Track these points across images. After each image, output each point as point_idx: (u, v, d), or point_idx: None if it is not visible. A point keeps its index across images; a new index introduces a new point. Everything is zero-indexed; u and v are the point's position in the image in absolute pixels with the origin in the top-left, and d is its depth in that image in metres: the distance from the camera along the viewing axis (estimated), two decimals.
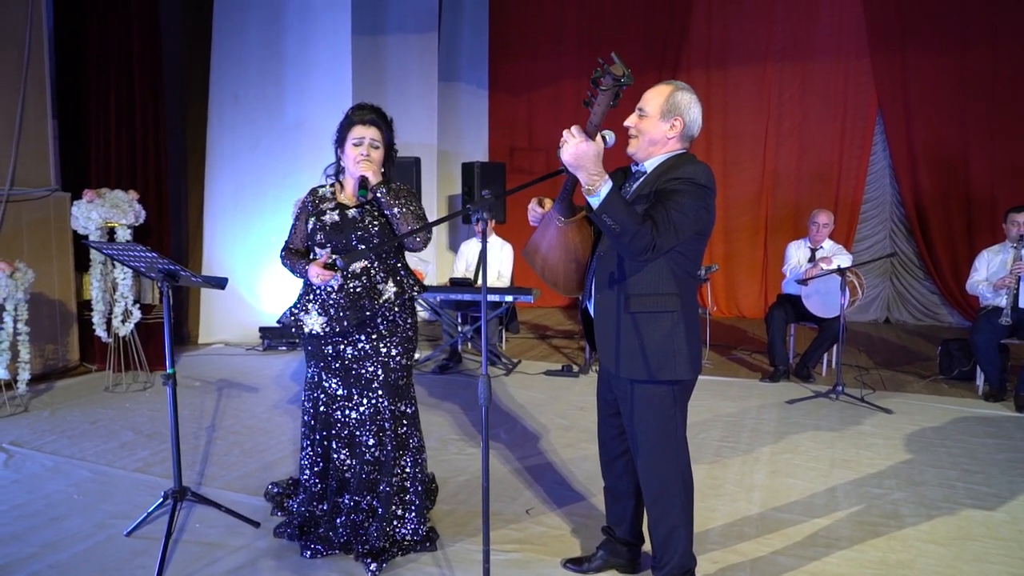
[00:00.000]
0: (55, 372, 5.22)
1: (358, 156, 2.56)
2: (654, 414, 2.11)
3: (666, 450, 2.14)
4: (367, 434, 2.60)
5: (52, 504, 3.03)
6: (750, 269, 8.54)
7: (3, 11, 4.89)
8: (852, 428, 4.15)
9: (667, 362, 2.06)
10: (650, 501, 2.19)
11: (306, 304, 2.61)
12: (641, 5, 8.60)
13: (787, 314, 5.39)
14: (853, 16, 7.83)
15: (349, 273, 2.55)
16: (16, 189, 4.96)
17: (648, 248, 1.88)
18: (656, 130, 2.08)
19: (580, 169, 1.83)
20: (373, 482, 2.63)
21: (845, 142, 8.09)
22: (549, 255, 2.24)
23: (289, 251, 2.74)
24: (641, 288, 2.05)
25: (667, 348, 2.06)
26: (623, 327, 2.07)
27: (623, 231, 1.84)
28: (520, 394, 4.91)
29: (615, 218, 1.84)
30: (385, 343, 2.60)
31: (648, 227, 1.87)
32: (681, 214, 1.93)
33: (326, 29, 6.53)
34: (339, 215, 2.60)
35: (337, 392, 2.64)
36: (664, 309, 2.05)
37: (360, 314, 2.54)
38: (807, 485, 3.29)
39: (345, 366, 2.61)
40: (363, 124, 2.59)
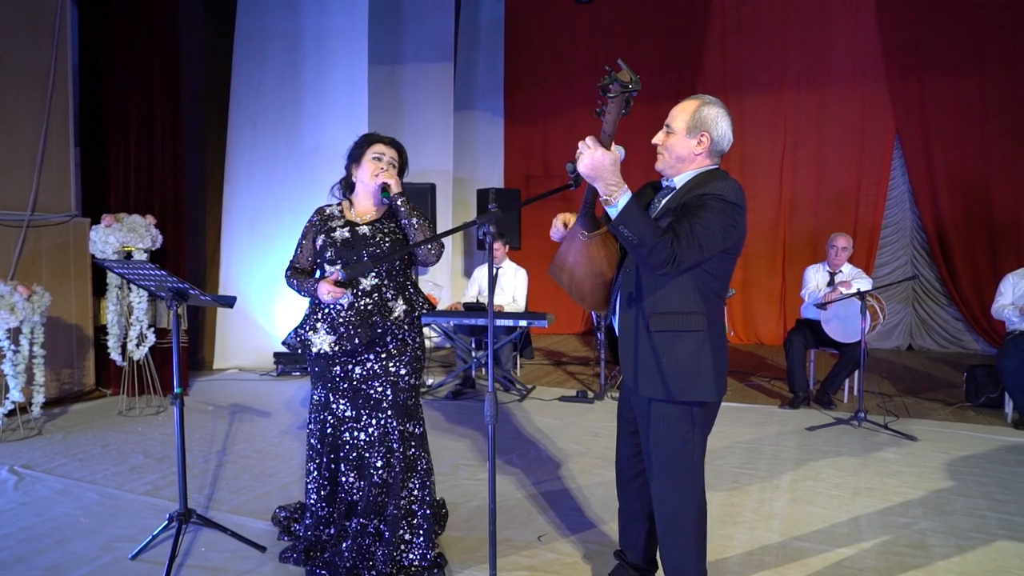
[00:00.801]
0: (70, 396, 5.24)
1: (377, 168, 2.58)
2: (672, 435, 2.04)
3: (682, 474, 2.05)
4: (376, 456, 2.56)
5: (59, 527, 3.00)
6: (768, 295, 8.43)
7: (31, 45, 5.02)
8: (875, 455, 4.02)
9: (691, 383, 1.98)
10: (663, 526, 2.11)
11: (314, 323, 2.59)
12: (654, 33, 8.67)
13: (806, 339, 5.29)
14: (868, 41, 7.82)
15: (360, 291, 2.53)
16: (37, 214, 5.04)
17: (668, 261, 1.83)
18: (683, 146, 2.04)
19: (598, 180, 1.81)
20: (381, 505, 2.58)
21: (863, 167, 8.02)
22: (575, 270, 2.20)
23: (295, 270, 2.71)
24: (665, 306, 1.98)
25: (691, 368, 1.98)
26: (645, 345, 2.01)
27: (641, 243, 1.81)
28: (534, 420, 4.83)
29: (632, 229, 1.80)
30: (394, 362, 2.57)
31: (668, 240, 1.83)
32: (706, 229, 1.88)
33: (343, 58, 6.64)
34: (350, 232, 2.59)
35: (345, 413, 2.60)
36: (689, 328, 1.97)
37: (372, 331, 2.51)
38: (829, 513, 3.18)
39: (353, 387, 2.58)
40: (383, 143, 2.64)
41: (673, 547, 2.10)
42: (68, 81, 5.29)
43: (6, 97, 4.89)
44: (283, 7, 6.67)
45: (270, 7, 6.68)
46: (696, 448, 2.07)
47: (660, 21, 8.64)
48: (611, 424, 4.73)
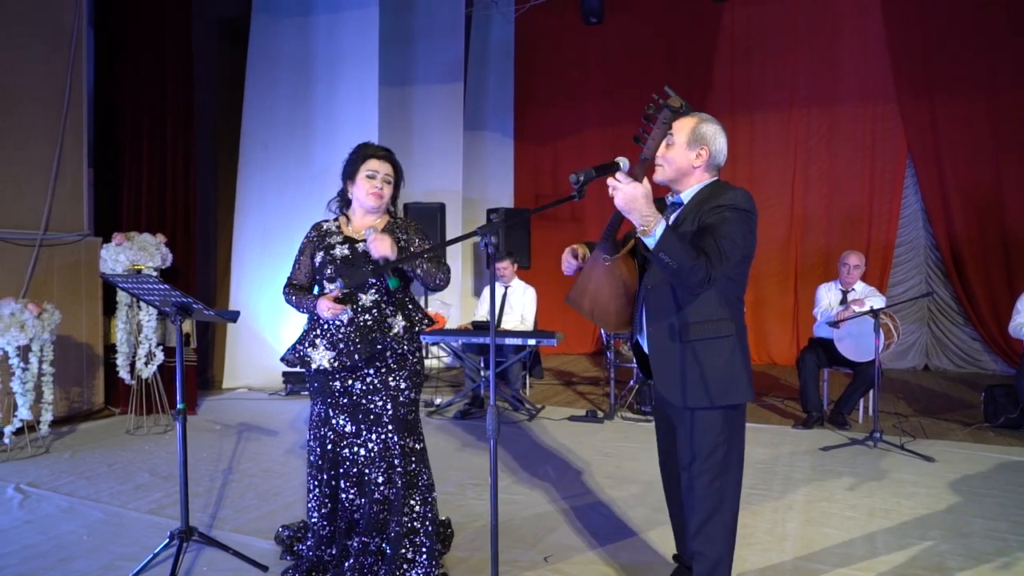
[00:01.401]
0: (79, 415, 5.25)
1: (371, 189, 2.56)
2: (713, 439, 2.10)
3: (716, 477, 2.10)
4: (376, 471, 2.52)
5: (62, 545, 2.98)
6: (781, 315, 8.35)
7: (47, 67, 5.10)
8: (891, 476, 3.93)
9: (729, 387, 2.07)
10: (696, 526, 2.14)
11: (313, 339, 2.56)
12: (663, 54, 8.71)
13: (819, 358, 5.21)
14: (878, 60, 7.81)
15: (359, 307, 2.52)
16: (50, 233, 5.09)
17: (704, 280, 1.92)
18: (682, 158, 2.14)
19: (633, 212, 1.87)
20: (383, 522, 2.54)
21: (875, 185, 7.97)
22: (598, 294, 2.27)
23: (292, 286, 2.70)
24: (696, 316, 2.07)
25: (728, 373, 2.07)
26: (683, 356, 2.08)
27: (680, 267, 1.87)
28: (543, 440, 4.78)
29: (672, 256, 1.86)
30: (394, 376, 2.55)
31: (703, 261, 1.91)
32: (730, 242, 1.97)
33: (354, 80, 6.71)
34: (349, 249, 2.57)
35: (345, 429, 2.57)
36: (720, 334, 2.07)
37: (371, 347, 2.49)
38: (844, 535, 3.10)
39: (353, 401, 2.55)
40: (378, 159, 2.59)
41: (707, 548, 2.13)
42: (83, 102, 5.37)
43: (21, 118, 4.97)
44: (295, 29, 6.77)
45: (282, 30, 6.78)
46: (733, 451, 2.13)
47: (669, 41, 8.69)
48: (621, 444, 4.67)
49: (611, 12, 8.17)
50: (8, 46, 4.89)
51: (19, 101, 4.96)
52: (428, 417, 5.43)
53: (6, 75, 4.88)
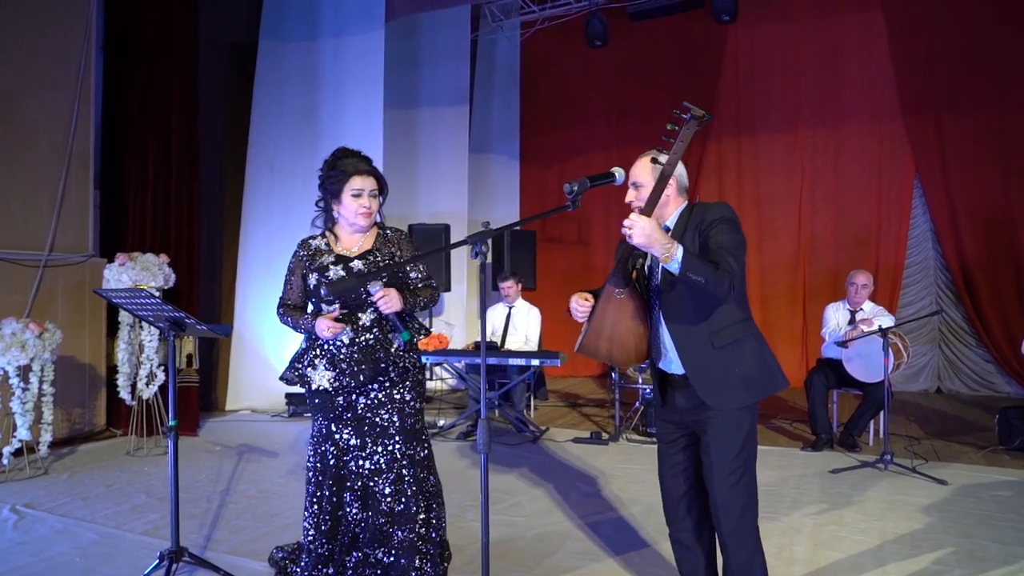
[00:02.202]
0: (80, 436, 5.22)
1: (360, 208, 2.52)
2: (739, 436, 2.18)
3: (744, 474, 2.19)
4: (383, 483, 2.49)
5: (53, 567, 2.93)
6: (789, 337, 8.24)
7: (55, 90, 5.17)
8: (903, 499, 3.83)
9: (769, 377, 2.20)
10: (728, 529, 2.19)
11: (312, 359, 2.52)
12: (668, 76, 8.74)
13: (828, 379, 5.12)
14: (884, 79, 7.79)
15: (360, 327, 2.50)
16: (55, 254, 5.11)
17: (729, 289, 2.04)
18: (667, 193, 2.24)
19: (653, 246, 1.96)
20: (387, 535, 2.49)
21: (883, 206, 7.91)
22: (616, 331, 2.29)
23: (287, 306, 2.64)
24: (721, 322, 2.18)
25: (764, 365, 2.20)
26: (716, 363, 2.17)
27: (707, 282, 1.99)
28: (546, 461, 4.70)
29: (698, 273, 1.98)
30: (398, 389, 2.53)
31: (724, 271, 2.03)
32: (736, 249, 2.12)
33: (359, 102, 6.75)
34: (343, 270, 2.52)
35: (350, 442, 2.52)
36: (745, 333, 2.19)
37: (376, 367, 2.48)
38: (854, 560, 3.00)
39: (358, 415, 2.52)
40: (360, 175, 2.52)
41: (741, 548, 2.19)
42: (90, 125, 5.43)
43: (29, 140, 5.03)
44: (301, 52, 6.84)
45: (289, 53, 6.85)
46: (753, 447, 2.24)
47: (673, 64, 8.73)
48: (624, 465, 4.59)
49: (615, 36, 8.24)
50: (18, 69, 4.96)
51: (27, 123, 5.01)
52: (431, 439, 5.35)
53: (15, 97, 4.95)
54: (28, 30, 5.03)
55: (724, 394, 2.18)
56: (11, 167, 4.92)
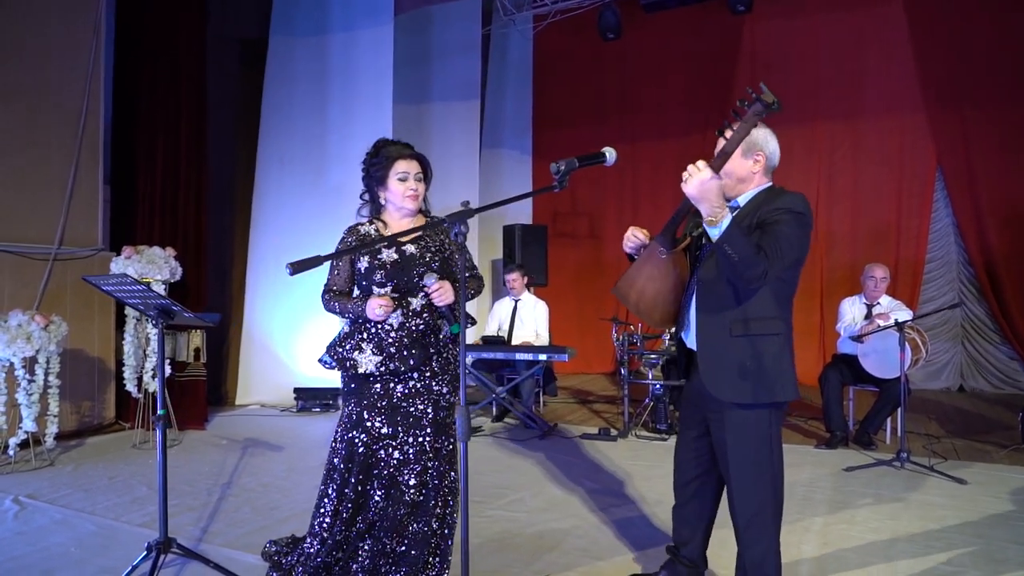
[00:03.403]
0: (89, 429, 5.24)
1: (407, 192, 2.48)
2: (755, 436, 2.14)
3: (763, 472, 2.15)
4: (409, 475, 2.44)
5: (49, 557, 2.92)
6: (806, 334, 8.06)
7: (65, 86, 5.19)
8: (918, 499, 3.70)
9: (776, 384, 2.11)
10: (743, 523, 2.19)
11: (358, 343, 2.47)
12: (682, 69, 8.62)
13: (843, 375, 4.99)
14: (904, 70, 7.60)
15: (411, 311, 2.45)
16: (64, 248, 5.14)
17: (761, 276, 1.97)
18: (742, 168, 2.19)
19: (703, 202, 1.93)
20: (403, 526, 2.45)
21: (903, 200, 7.72)
22: (647, 288, 2.29)
23: (333, 292, 2.59)
24: (750, 313, 2.12)
25: (776, 370, 2.11)
26: (734, 351, 2.12)
27: (741, 260, 1.93)
28: (553, 457, 4.63)
29: (735, 248, 1.92)
30: (437, 381, 2.50)
31: (762, 257, 1.97)
32: (788, 242, 2.03)
33: (368, 97, 6.73)
34: (396, 252, 2.48)
35: (381, 431, 2.46)
36: (771, 332, 2.12)
37: (426, 351, 2.45)
38: (864, 559, 2.90)
39: (392, 404, 2.46)
40: (405, 159, 2.50)
41: (754, 544, 2.19)
42: (100, 121, 5.45)
43: (39, 135, 5.05)
44: (311, 48, 6.83)
45: (298, 49, 6.85)
46: (776, 447, 2.17)
47: (688, 56, 8.60)
48: (632, 462, 4.50)
49: (629, 28, 8.12)
50: (28, 66, 4.99)
51: (37, 119, 5.04)
52: None
53: (25, 93, 4.97)
54: (38, 27, 5.06)
55: (723, 383, 2.14)
56: (21, 162, 4.95)
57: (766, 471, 2.15)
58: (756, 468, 2.14)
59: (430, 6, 7.82)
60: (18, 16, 4.94)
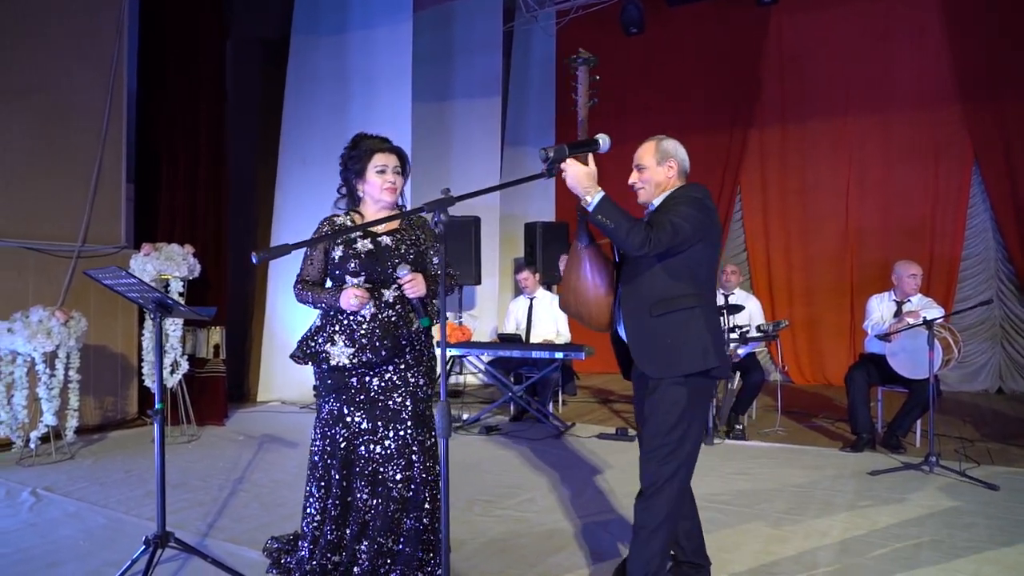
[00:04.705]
0: (112, 424, 5.33)
1: (385, 184, 2.49)
2: (670, 407, 2.20)
3: (677, 449, 2.20)
4: (393, 469, 2.42)
5: (57, 549, 2.95)
6: (835, 333, 7.86)
7: (89, 88, 5.28)
8: (946, 505, 3.54)
9: (694, 355, 2.19)
10: (648, 493, 2.23)
11: (330, 335, 2.45)
12: (707, 63, 8.46)
13: (870, 375, 4.82)
14: (938, 60, 7.35)
15: (383, 303, 2.44)
16: (87, 246, 5.22)
17: (645, 242, 2.09)
18: (658, 175, 2.37)
19: (577, 187, 2.10)
20: (398, 522, 2.42)
21: (939, 195, 7.46)
22: (579, 287, 2.37)
23: (305, 283, 2.59)
24: (662, 293, 2.23)
25: (694, 342, 2.20)
26: (649, 330, 2.24)
27: (618, 227, 2.08)
28: (568, 457, 4.56)
29: (608, 216, 2.08)
30: (412, 372, 2.49)
31: (640, 224, 2.11)
32: (678, 217, 2.17)
33: (388, 96, 6.72)
34: (372, 243, 2.47)
35: (361, 426, 2.45)
36: (684, 306, 2.22)
37: (398, 343, 2.43)
38: (883, 567, 2.77)
39: (371, 398, 2.46)
40: (384, 152, 2.52)
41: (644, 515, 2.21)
42: (122, 120, 5.54)
43: (63, 135, 5.15)
44: (332, 47, 6.86)
45: (319, 48, 6.88)
46: (693, 421, 2.22)
47: (713, 50, 8.44)
48: None
49: (652, 23, 7.99)
50: (51, 66, 5.08)
51: (61, 119, 5.14)
52: (453, 432, 5.28)
53: (50, 94, 5.07)
54: (63, 27, 5.15)
55: (651, 361, 2.26)
56: (46, 161, 5.05)
57: (673, 451, 2.20)
58: (666, 447, 2.20)
59: (451, 2, 7.80)
60: (43, 17, 5.04)
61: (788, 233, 8.15)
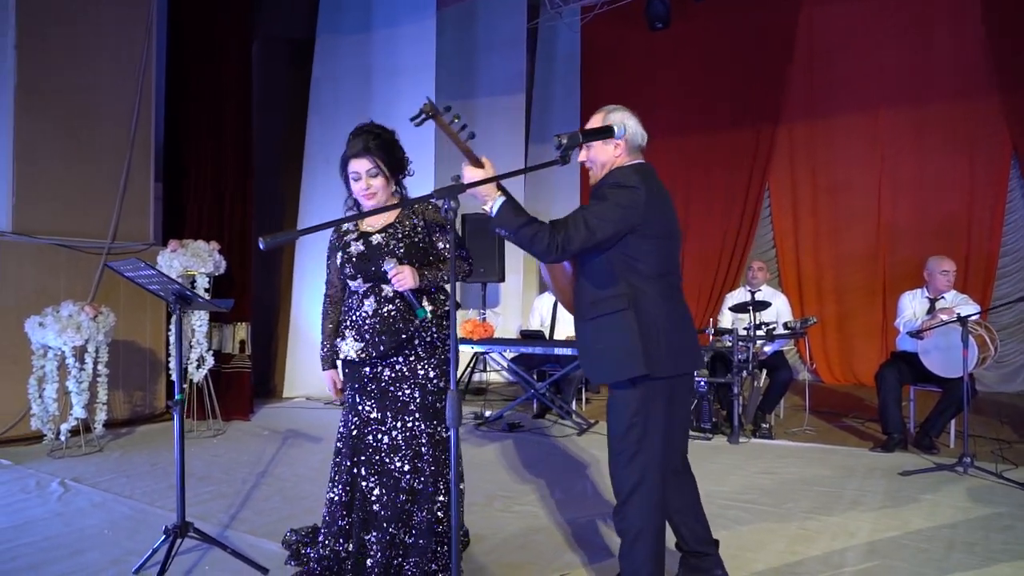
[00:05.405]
0: (141, 418, 5.41)
1: (359, 191, 2.51)
2: (628, 418, 2.09)
3: (629, 451, 2.11)
4: (400, 460, 2.44)
5: (82, 538, 3.00)
6: (867, 332, 7.68)
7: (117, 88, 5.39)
8: (981, 507, 3.43)
9: (625, 361, 2.05)
10: (618, 505, 2.17)
11: (343, 331, 2.54)
12: (734, 57, 8.32)
13: (902, 373, 4.69)
14: (975, 50, 7.12)
15: (382, 298, 2.47)
16: (117, 243, 5.32)
17: (552, 248, 1.96)
18: (604, 154, 2.20)
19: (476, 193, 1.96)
20: (408, 513, 2.43)
21: (974, 189, 7.25)
22: (555, 272, 2.37)
23: (328, 297, 2.71)
24: (593, 295, 2.13)
25: (622, 347, 2.07)
26: (583, 334, 2.19)
27: (519, 239, 1.96)
28: (588, 454, 4.52)
29: (507, 227, 1.95)
30: (423, 365, 2.48)
31: (546, 228, 1.96)
32: (592, 214, 2.02)
33: (412, 94, 6.71)
34: (364, 244, 2.52)
35: (371, 415, 2.50)
36: (614, 309, 2.09)
37: (396, 338, 2.44)
38: (913, 569, 2.68)
39: (381, 388, 2.49)
40: (354, 158, 2.49)
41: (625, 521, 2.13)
42: (151, 121, 5.64)
43: (93, 135, 5.25)
44: (356, 46, 6.89)
45: (343, 47, 6.92)
46: (647, 425, 2.10)
47: (741, 44, 8.29)
48: None
49: (678, 17, 7.89)
50: (83, 69, 5.19)
51: (91, 120, 5.25)
52: (476, 428, 5.26)
53: (81, 95, 5.18)
54: (93, 29, 5.26)
55: (588, 366, 2.22)
56: (76, 160, 5.15)
57: (633, 456, 2.10)
58: (624, 453, 2.11)
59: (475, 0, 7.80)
60: (74, 19, 5.15)
61: (818, 232, 7.99)
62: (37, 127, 4.96)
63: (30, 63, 4.91)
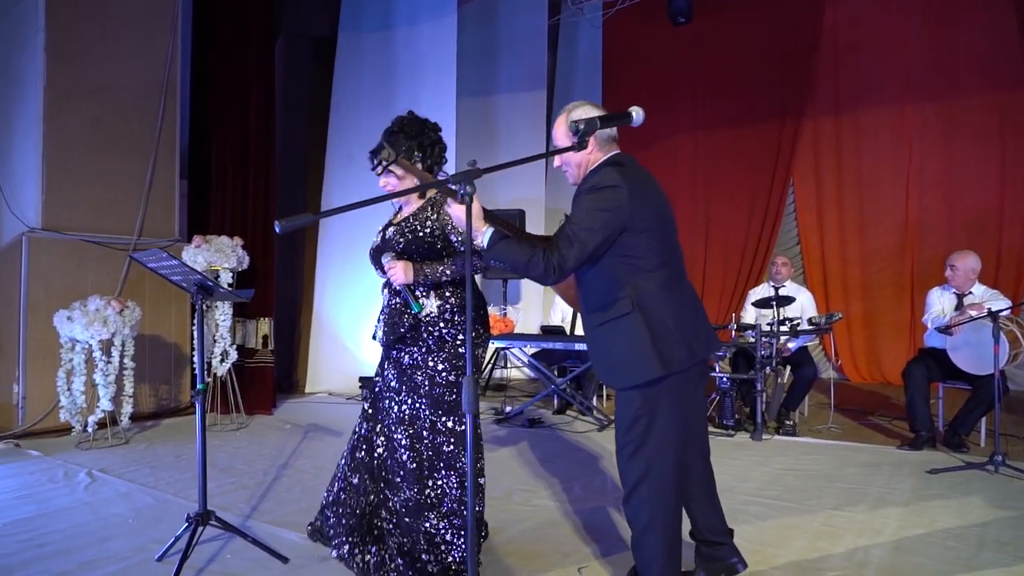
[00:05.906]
0: (166, 411, 5.49)
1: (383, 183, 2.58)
2: (633, 413, 2.10)
3: (635, 450, 2.11)
4: (400, 434, 2.51)
5: (108, 526, 3.05)
6: (895, 329, 7.54)
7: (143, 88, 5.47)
8: (1011, 506, 3.34)
9: (635, 367, 2.06)
10: (624, 496, 2.18)
11: (380, 316, 2.66)
12: (758, 51, 8.21)
13: (929, 370, 4.59)
14: (1006, 42, 6.95)
15: (392, 290, 2.55)
16: (143, 239, 5.40)
17: (549, 271, 1.96)
18: (576, 156, 2.14)
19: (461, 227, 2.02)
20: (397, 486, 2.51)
21: (1006, 181, 7.07)
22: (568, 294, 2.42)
23: None
24: (596, 302, 2.12)
25: (631, 354, 2.06)
26: (592, 341, 2.19)
27: (515, 268, 1.98)
28: (607, 449, 4.48)
29: (502, 259, 1.98)
30: (432, 357, 2.50)
31: (539, 252, 1.96)
32: (580, 226, 1.99)
33: (433, 91, 6.75)
34: (380, 237, 2.60)
35: (391, 383, 2.58)
36: (620, 314, 2.06)
37: (396, 330, 2.50)
38: (941, 567, 2.62)
39: (402, 368, 2.56)
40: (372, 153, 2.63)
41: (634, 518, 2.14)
42: (176, 117, 5.71)
43: (120, 133, 5.34)
44: (378, 43, 6.93)
45: (366, 44, 6.96)
46: (652, 425, 2.09)
47: (765, 38, 8.19)
48: None
49: (700, 12, 7.82)
50: (110, 67, 5.27)
51: (118, 118, 5.33)
52: (496, 424, 5.26)
53: (107, 93, 5.27)
54: (117, 28, 5.34)
55: (602, 371, 2.23)
56: (103, 158, 5.24)
57: (638, 448, 2.10)
58: (629, 445, 2.12)
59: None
60: (101, 18, 5.24)
61: (844, 228, 7.86)
62: (66, 126, 5.05)
63: (58, 64, 5.00)
